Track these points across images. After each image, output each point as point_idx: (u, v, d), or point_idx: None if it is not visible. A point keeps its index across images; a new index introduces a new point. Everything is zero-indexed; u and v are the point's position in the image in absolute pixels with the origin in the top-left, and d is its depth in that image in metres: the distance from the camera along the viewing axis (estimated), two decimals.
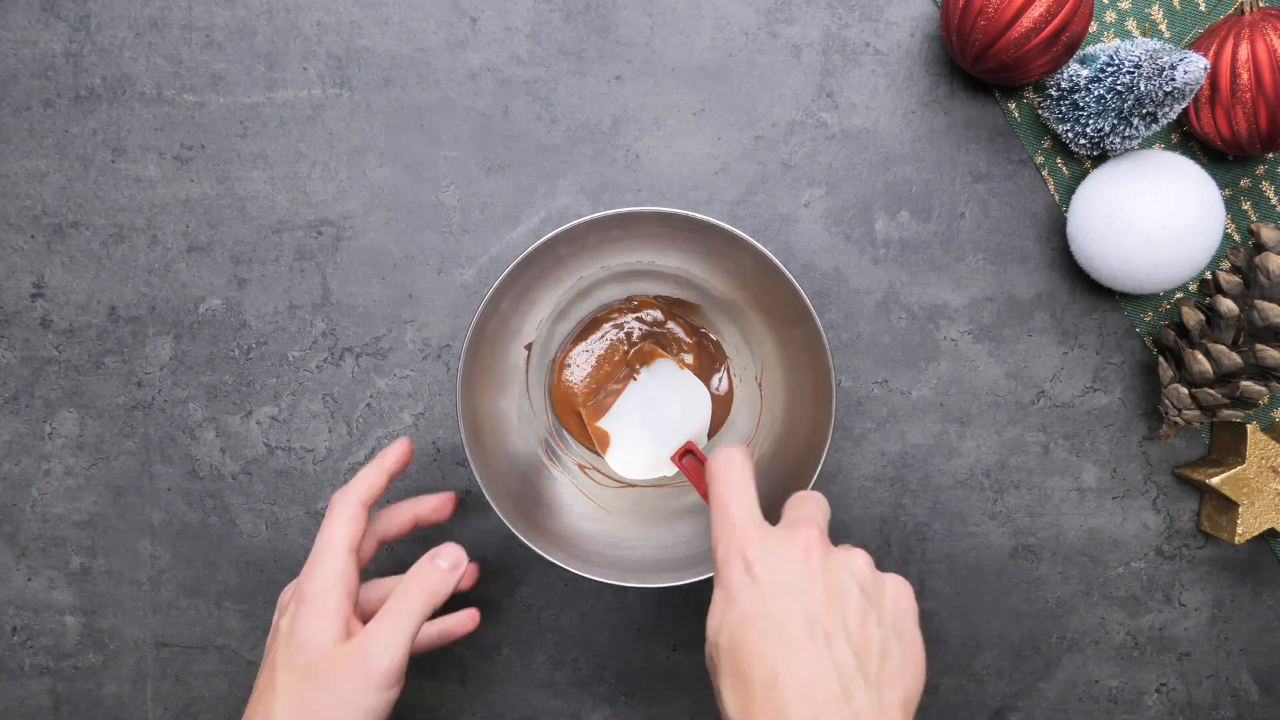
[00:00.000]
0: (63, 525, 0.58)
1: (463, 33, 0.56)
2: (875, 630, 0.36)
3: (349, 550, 0.45)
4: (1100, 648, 0.58)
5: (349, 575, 0.45)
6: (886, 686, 0.35)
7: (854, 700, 0.34)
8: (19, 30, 0.56)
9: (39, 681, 0.58)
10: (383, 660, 0.42)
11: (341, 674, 0.42)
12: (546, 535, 0.50)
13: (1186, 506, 0.58)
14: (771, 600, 0.36)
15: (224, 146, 0.56)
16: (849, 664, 0.34)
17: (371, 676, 0.42)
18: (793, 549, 0.37)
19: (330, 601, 0.43)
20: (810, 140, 0.56)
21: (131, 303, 0.57)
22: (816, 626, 0.35)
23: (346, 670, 0.42)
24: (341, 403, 0.57)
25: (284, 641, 0.43)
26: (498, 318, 0.49)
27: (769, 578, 0.36)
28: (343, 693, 0.42)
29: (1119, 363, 0.57)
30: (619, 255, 0.52)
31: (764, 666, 0.34)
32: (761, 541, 0.38)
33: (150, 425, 0.57)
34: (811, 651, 0.34)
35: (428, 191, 0.56)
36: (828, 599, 0.36)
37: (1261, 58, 0.49)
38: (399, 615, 0.44)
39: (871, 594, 0.37)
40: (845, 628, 0.35)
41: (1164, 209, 0.50)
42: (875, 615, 0.36)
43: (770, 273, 0.48)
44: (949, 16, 0.51)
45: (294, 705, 0.42)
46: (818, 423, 0.49)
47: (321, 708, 0.42)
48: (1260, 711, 0.58)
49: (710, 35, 0.56)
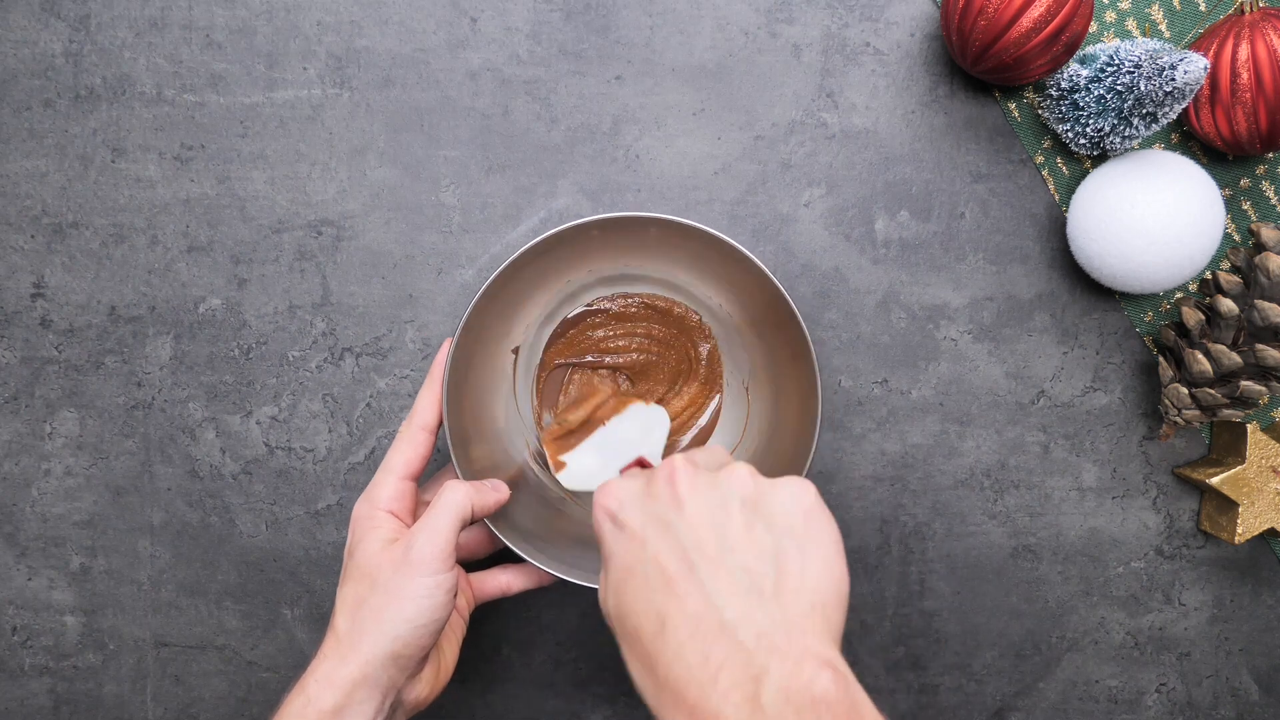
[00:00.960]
0: (63, 525, 0.58)
1: (463, 33, 0.56)
2: (766, 538, 0.32)
3: (402, 476, 0.46)
4: (1100, 648, 0.58)
5: (402, 498, 0.46)
6: (789, 595, 0.31)
7: (753, 621, 0.30)
8: (19, 30, 0.56)
9: (39, 681, 0.58)
10: (425, 547, 0.43)
11: (387, 569, 0.43)
12: (532, 540, 0.50)
13: (1186, 506, 0.58)
14: (645, 543, 0.33)
15: (224, 146, 0.56)
16: (740, 584, 0.31)
17: (416, 563, 0.42)
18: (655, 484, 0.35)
19: (378, 519, 0.45)
20: (810, 140, 0.56)
21: (131, 303, 0.57)
22: (695, 554, 0.32)
23: (390, 564, 0.43)
24: (341, 403, 0.57)
25: (345, 566, 0.45)
26: (483, 324, 0.49)
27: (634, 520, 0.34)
28: (391, 585, 0.42)
29: (1119, 363, 0.57)
30: (607, 260, 0.52)
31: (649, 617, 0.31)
32: (620, 487, 0.36)
33: (150, 425, 0.57)
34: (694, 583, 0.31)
35: (428, 191, 0.56)
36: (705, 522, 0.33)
37: (1261, 58, 0.49)
38: (440, 509, 0.44)
39: (757, 503, 0.33)
40: (729, 547, 0.32)
41: (1164, 209, 0.50)
42: (763, 523, 0.33)
43: (755, 276, 0.48)
44: (949, 16, 0.51)
45: (351, 610, 0.43)
46: (803, 427, 0.49)
47: (375, 603, 0.42)
48: (1260, 711, 0.59)
49: (710, 35, 0.56)
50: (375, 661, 0.41)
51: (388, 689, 0.42)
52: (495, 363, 0.52)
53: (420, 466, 0.47)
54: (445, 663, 0.47)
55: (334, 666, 0.42)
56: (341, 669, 0.41)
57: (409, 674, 0.43)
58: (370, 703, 0.41)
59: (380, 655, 0.42)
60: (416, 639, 0.42)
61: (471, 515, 0.45)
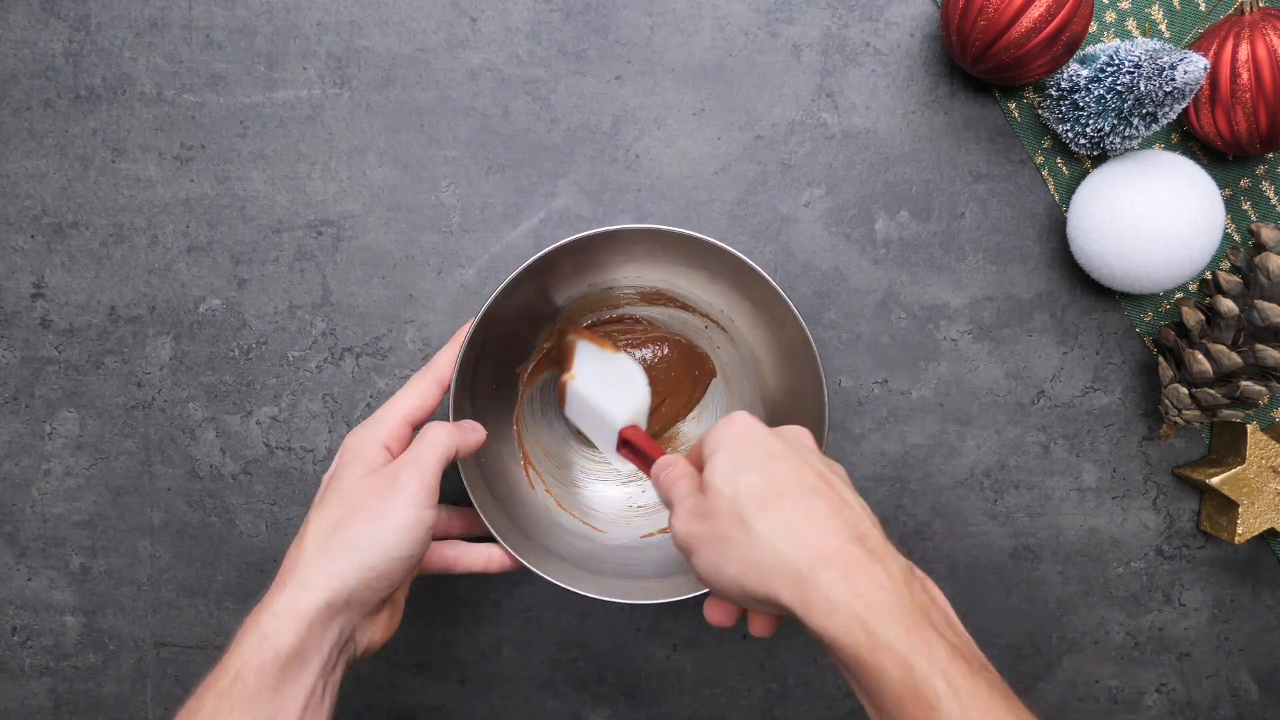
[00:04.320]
0: (63, 525, 0.58)
1: (463, 33, 0.56)
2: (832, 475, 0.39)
3: (404, 419, 0.45)
4: (1100, 648, 0.58)
5: (399, 439, 0.45)
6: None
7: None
8: (19, 30, 0.56)
9: (39, 681, 0.58)
10: (411, 479, 0.42)
11: (371, 493, 0.42)
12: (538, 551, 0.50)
13: (1186, 506, 0.58)
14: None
15: (224, 146, 0.56)
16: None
17: (401, 492, 0.42)
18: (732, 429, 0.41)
19: (369, 450, 0.44)
20: (810, 140, 0.56)
21: (131, 303, 0.57)
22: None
23: (375, 490, 0.42)
24: (341, 403, 0.57)
25: (322, 490, 0.44)
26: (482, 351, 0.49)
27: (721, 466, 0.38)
28: (375, 510, 0.41)
29: (1119, 363, 0.57)
30: (603, 274, 0.52)
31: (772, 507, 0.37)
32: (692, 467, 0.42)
33: (150, 425, 0.57)
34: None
35: (428, 191, 0.56)
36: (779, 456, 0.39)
37: (1261, 58, 0.49)
38: (425, 445, 0.44)
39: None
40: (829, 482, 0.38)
41: (1164, 209, 0.50)
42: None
43: (755, 280, 0.48)
44: (949, 16, 0.51)
45: (325, 530, 0.41)
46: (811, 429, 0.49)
47: (353, 525, 0.41)
48: (1260, 711, 0.58)
49: (710, 35, 0.56)
50: (344, 589, 0.39)
51: (345, 626, 0.40)
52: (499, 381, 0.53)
53: (424, 417, 0.46)
54: (399, 609, 0.45)
55: (296, 594, 0.39)
56: (304, 595, 0.39)
57: (368, 613, 0.42)
58: (329, 638, 0.39)
59: (350, 583, 0.40)
60: (389, 571, 0.41)
61: (455, 454, 0.45)
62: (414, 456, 0.43)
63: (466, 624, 0.58)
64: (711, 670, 0.58)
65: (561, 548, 0.51)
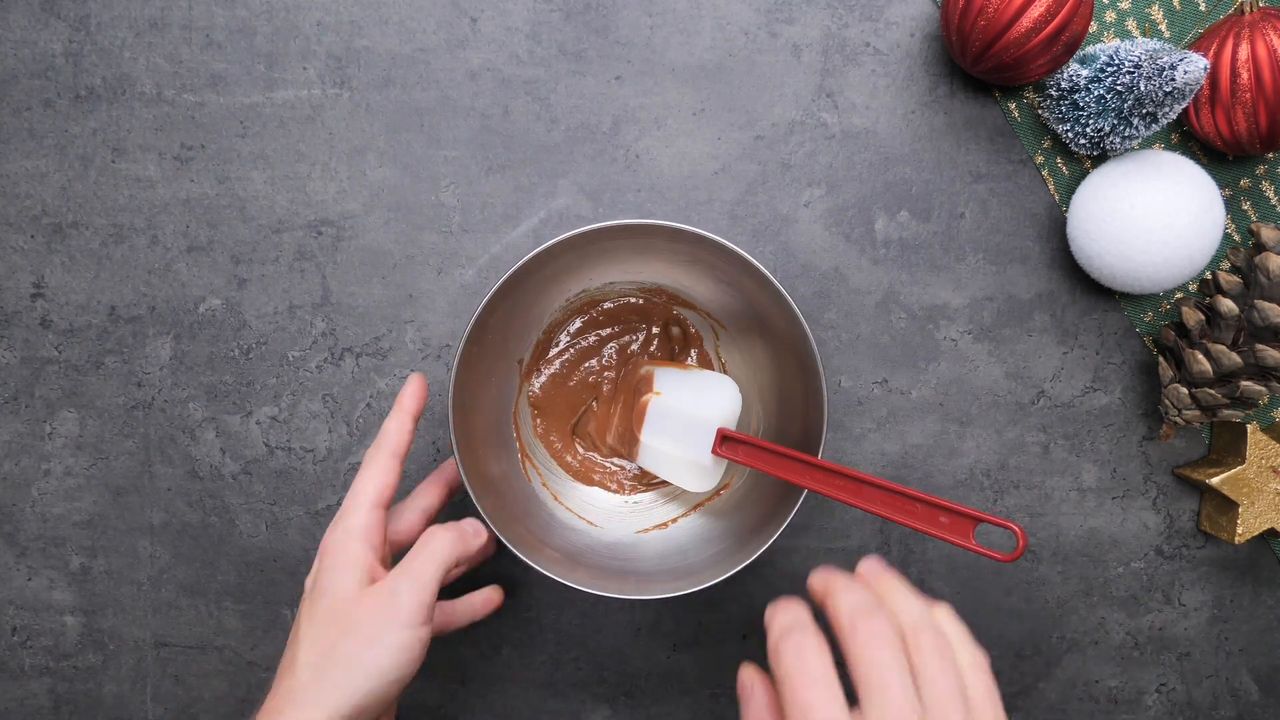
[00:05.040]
0: (63, 525, 0.58)
1: (463, 33, 0.56)
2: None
3: (375, 504, 0.44)
4: (1100, 648, 0.58)
5: (373, 529, 0.44)
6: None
7: None
8: (19, 30, 0.56)
9: (39, 681, 0.58)
10: (410, 597, 0.41)
11: (366, 614, 0.41)
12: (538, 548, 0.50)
13: (1186, 506, 0.58)
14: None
15: (224, 146, 0.56)
16: None
17: (399, 612, 0.41)
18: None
19: (353, 552, 0.43)
20: (810, 140, 0.56)
21: (131, 303, 0.57)
22: None
23: (371, 610, 0.41)
24: (341, 403, 0.57)
25: (308, 596, 0.43)
26: (482, 344, 0.49)
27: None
28: (369, 631, 0.41)
29: (1119, 363, 0.57)
30: (603, 271, 0.52)
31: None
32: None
33: (150, 425, 0.57)
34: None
35: (427, 191, 0.56)
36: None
37: (1261, 58, 0.49)
38: (425, 557, 0.43)
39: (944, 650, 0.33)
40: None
41: (1164, 209, 0.50)
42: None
43: (756, 278, 0.48)
44: (949, 16, 0.51)
45: (320, 651, 0.40)
46: (809, 427, 0.49)
47: (348, 648, 0.40)
48: (1260, 711, 0.58)
49: (710, 35, 0.56)
50: (339, 716, 0.39)
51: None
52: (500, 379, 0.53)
53: (390, 495, 0.45)
54: (392, 712, 0.46)
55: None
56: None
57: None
58: None
59: (346, 709, 0.39)
60: (386, 693, 0.41)
61: (455, 563, 0.44)
62: (413, 572, 0.42)
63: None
64: (711, 670, 0.58)
65: (558, 542, 0.51)
